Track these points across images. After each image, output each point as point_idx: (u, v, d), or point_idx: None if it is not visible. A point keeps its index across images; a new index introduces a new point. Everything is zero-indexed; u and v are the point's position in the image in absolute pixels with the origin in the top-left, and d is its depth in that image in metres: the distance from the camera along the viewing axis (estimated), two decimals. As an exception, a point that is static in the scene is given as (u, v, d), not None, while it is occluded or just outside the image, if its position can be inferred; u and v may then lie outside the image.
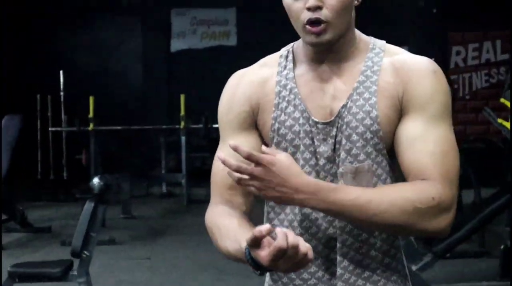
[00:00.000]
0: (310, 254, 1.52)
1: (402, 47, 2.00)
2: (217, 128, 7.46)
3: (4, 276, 5.26)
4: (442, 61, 10.97)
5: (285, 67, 1.87)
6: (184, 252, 7.80)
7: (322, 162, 1.80)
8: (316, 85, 1.83)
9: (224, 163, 1.66)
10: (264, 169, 1.64)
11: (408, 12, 11.28)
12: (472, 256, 7.00)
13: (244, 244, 1.55)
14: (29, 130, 10.63)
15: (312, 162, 1.81)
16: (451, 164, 1.74)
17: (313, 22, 1.74)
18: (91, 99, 10.46)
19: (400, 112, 1.78)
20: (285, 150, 1.80)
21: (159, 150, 11.53)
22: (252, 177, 1.65)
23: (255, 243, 1.50)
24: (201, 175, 11.50)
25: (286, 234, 1.48)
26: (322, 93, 1.82)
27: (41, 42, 12.29)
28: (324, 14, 1.74)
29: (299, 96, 1.82)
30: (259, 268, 1.55)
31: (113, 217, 9.42)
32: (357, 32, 1.86)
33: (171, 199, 11.25)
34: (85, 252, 4.96)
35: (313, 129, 1.81)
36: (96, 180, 7.35)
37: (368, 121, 1.77)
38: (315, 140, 1.81)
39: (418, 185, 1.71)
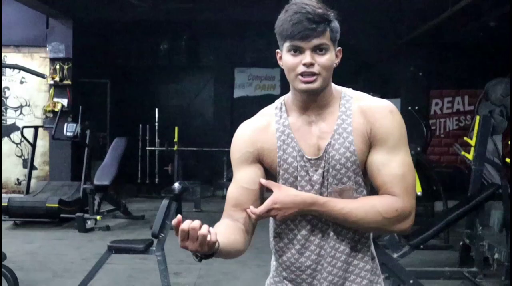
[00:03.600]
0: (213, 237, 1.51)
1: (396, 99, 1.93)
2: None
3: (102, 250, 5.26)
4: (425, 110, 10.81)
5: (280, 116, 1.80)
6: (235, 237, 7.76)
7: (316, 186, 1.75)
8: (305, 129, 1.78)
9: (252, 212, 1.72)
10: (275, 209, 1.67)
11: (403, 75, 11.14)
12: (439, 249, 6.83)
13: None
14: (133, 149, 10.69)
15: (308, 188, 1.76)
16: (409, 181, 1.71)
17: (306, 74, 1.70)
18: (176, 129, 10.51)
19: (369, 144, 1.73)
20: (288, 179, 1.77)
21: (223, 165, 11.51)
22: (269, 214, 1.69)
23: (176, 231, 1.50)
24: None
25: (190, 221, 1.48)
26: (310, 135, 1.77)
27: (144, 88, 12.41)
28: (315, 69, 1.69)
29: (295, 139, 1.77)
30: (195, 256, 1.56)
31: (188, 210, 9.43)
32: (332, 84, 1.81)
33: (229, 200, 11.15)
34: (162, 234, 4.93)
35: (306, 164, 1.76)
36: (176, 184, 7.26)
37: (348, 154, 1.73)
38: (309, 171, 1.76)
39: (385, 198, 1.69)
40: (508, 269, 5.23)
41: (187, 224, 1.48)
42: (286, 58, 1.73)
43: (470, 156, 6.62)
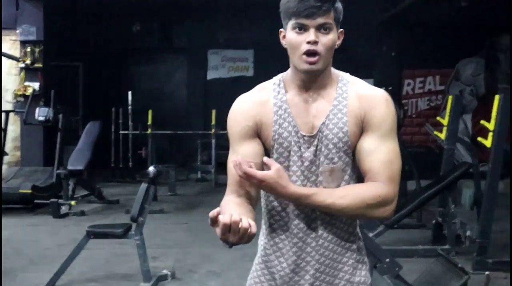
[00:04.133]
0: (253, 229, 1.52)
1: (369, 80, 1.97)
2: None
3: (78, 235, 5.24)
4: (397, 90, 10.92)
5: (278, 92, 1.83)
6: (211, 220, 7.79)
7: (306, 163, 1.79)
8: (302, 106, 1.81)
9: (236, 165, 1.67)
10: (261, 184, 1.68)
11: (375, 55, 11.23)
12: (412, 227, 6.92)
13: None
14: (107, 133, 10.60)
15: (299, 163, 1.80)
16: (394, 169, 1.75)
17: (310, 54, 1.73)
18: (150, 112, 10.44)
19: (361, 128, 1.78)
20: (282, 153, 1.80)
21: (197, 148, 11.51)
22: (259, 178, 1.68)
23: (213, 222, 1.51)
24: (225, 166, 11.40)
25: (231, 214, 1.50)
26: (306, 113, 1.80)
27: (116, 70, 12.30)
28: (319, 48, 1.72)
29: (292, 115, 1.80)
30: (226, 242, 1.56)
31: (163, 194, 9.42)
32: (331, 68, 1.85)
33: (204, 182, 11.16)
34: (140, 218, 4.94)
35: (300, 140, 1.79)
36: (151, 168, 7.21)
37: (341, 134, 1.77)
38: (301, 148, 1.79)
39: (370, 186, 1.73)
40: (480, 246, 5.36)
41: (228, 218, 1.49)
42: (290, 35, 1.76)
43: (442, 135, 6.73)
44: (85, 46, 11.85)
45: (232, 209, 1.64)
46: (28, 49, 10.06)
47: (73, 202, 8.03)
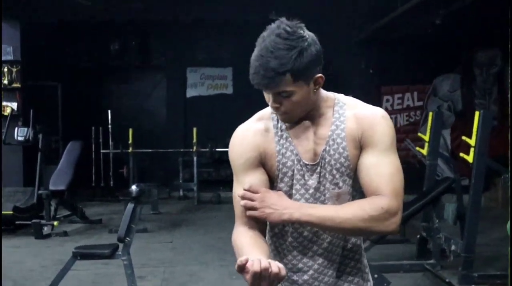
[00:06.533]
0: (283, 272, 1.53)
1: (348, 95, 1.96)
2: (219, 151, 7.61)
3: (61, 256, 5.19)
4: (376, 106, 11.02)
5: (277, 121, 1.84)
6: (196, 237, 7.75)
7: (310, 191, 1.81)
8: (302, 134, 1.82)
9: (242, 197, 1.75)
10: (262, 194, 1.73)
11: (354, 72, 11.33)
12: (397, 242, 6.94)
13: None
14: (87, 152, 10.51)
15: (302, 191, 1.81)
16: (396, 182, 1.74)
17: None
18: (130, 130, 10.39)
19: (360, 148, 1.78)
20: (287, 182, 1.82)
21: (178, 166, 11.48)
22: (254, 199, 1.73)
23: (241, 269, 1.51)
24: (207, 183, 11.51)
25: (259, 261, 1.50)
26: (307, 140, 1.82)
27: (95, 89, 12.25)
28: (282, 110, 1.76)
29: (293, 143, 1.81)
30: None
31: (145, 213, 9.32)
32: (324, 93, 1.85)
33: (186, 200, 11.11)
34: (128, 238, 4.89)
35: (303, 168, 1.80)
36: (134, 187, 7.15)
37: (342, 159, 1.79)
38: (305, 176, 1.81)
39: (372, 199, 1.73)
40: (465, 260, 5.42)
41: (258, 266, 1.49)
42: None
43: (424, 151, 6.82)
44: (64, 65, 11.79)
45: (252, 250, 1.66)
46: (5, 69, 10.00)
47: (55, 223, 7.95)
